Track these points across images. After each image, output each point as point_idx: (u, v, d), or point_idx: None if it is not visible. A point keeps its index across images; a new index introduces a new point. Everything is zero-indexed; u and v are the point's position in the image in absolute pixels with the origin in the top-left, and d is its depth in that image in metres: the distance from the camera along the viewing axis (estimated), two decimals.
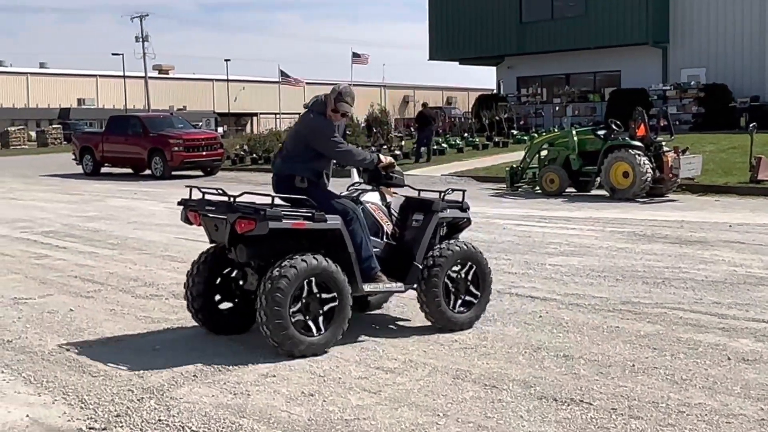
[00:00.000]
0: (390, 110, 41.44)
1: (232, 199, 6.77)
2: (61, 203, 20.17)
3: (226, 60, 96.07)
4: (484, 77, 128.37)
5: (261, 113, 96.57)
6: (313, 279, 6.62)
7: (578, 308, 8.38)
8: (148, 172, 29.06)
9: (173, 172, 28.26)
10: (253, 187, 21.62)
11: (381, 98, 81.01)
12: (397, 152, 29.53)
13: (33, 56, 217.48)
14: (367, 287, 7.10)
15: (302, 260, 6.56)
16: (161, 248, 12.56)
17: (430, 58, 45.48)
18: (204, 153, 29.00)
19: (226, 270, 7.37)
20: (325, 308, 6.74)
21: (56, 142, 60.30)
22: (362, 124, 36.30)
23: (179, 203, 7.33)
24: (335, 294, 6.75)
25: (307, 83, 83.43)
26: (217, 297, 7.36)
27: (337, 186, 7.56)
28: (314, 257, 6.63)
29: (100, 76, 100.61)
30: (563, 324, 7.77)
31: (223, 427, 5.28)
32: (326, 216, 6.82)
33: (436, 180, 24.14)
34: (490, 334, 7.43)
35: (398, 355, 6.81)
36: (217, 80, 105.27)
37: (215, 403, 5.70)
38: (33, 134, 64.76)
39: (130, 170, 30.56)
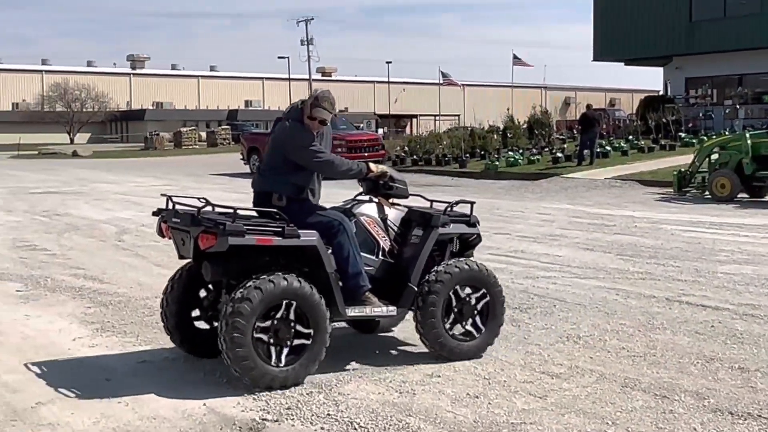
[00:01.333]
0: (551, 112, 40.88)
1: (197, 210, 6.11)
2: (230, 201, 20.87)
3: (388, 62, 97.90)
4: (650, 78, 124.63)
5: (421, 115, 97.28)
6: (293, 303, 5.95)
7: (753, 319, 8.02)
8: None
9: None
10: (412, 189, 21.59)
11: (542, 100, 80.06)
12: (559, 155, 29.10)
13: (204, 60, 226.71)
14: (351, 311, 6.36)
15: (269, 281, 5.86)
16: None
17: (594, 59, 44.59)
18: (366, 154, 29.44)
19: (203, 287, 6.76)
20: (295, 341, 6.04)
21: (225, 142, 62.63)
22: (523, 126, 36.01)
23: (154, 213, 6.74)
24: (310, 320, 6.04)
25: (467, 85, 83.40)
26: (195, 316, 6.77)
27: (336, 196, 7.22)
28: (284, 277, 5.92)
29: (267, 78, 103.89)
30: (737, 335, 7.45)
31: (389, 425, 5.35)
32: (300, 232, 6.08)
33: (598, 183, 23.66)
34: (659, 343, 7.22)
35: (564, 361, 6.72)
36: (378, 82, 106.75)
37: (382, 401, 5.79)
38: (203, 135, 67.48)
39: None
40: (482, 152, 32.44)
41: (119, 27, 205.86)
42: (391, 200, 6.94)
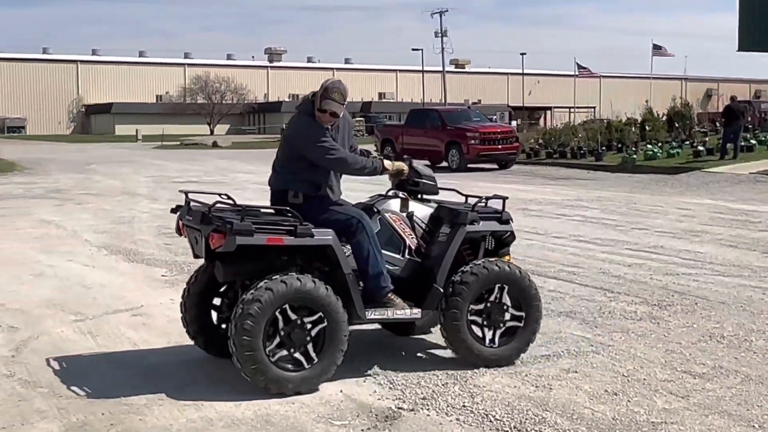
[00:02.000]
0: (692, 104, 39.62)
1: (207, 208, 5.89)
2: (363, 193, 21.03)
3: (522, 54, 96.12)
4: None
5: (555, 107, 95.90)
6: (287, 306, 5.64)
7: None
8: (444, 164, 29.73)
9: (469, 165, 28.74)
10: (546, 182, 21.39)
11: (682, 91, 77.69)
12: (701, 148, 28.16)
13: (339, 52, 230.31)
14: (371, 314, 6.02)
15: (282, 281, 5.59)
16: None
17: (740, 49, 42.86)
18: (500, 146, 29.22)
19: (223, 288, 6.50)
20: (309, 346, 5.76)
21: (359, 134, 63.35)
22: (663, 118, 35.05)
23: (172, 211, 6.48)
24: (327, 323, 5.74)
25: (603, 76, 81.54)
26: (217, 317, 6.53)
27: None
28: (298, 278, 5.66)
29: (400, 70, 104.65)
30: None
31: (525, 419, 5.30)
32: (315, 230, 5.80)
33: (742, 178, 22.79)
34: None
35: (707, 360, 6.50)
36: (512, 74, 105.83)
37: (517, 394, 5.74)
38: None
39: (427, 162, 31.45)
40: (619, 145, 31.73)
41: (258, 21, 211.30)
42: (420, 196, 6.59)
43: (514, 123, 64.23)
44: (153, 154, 46.04)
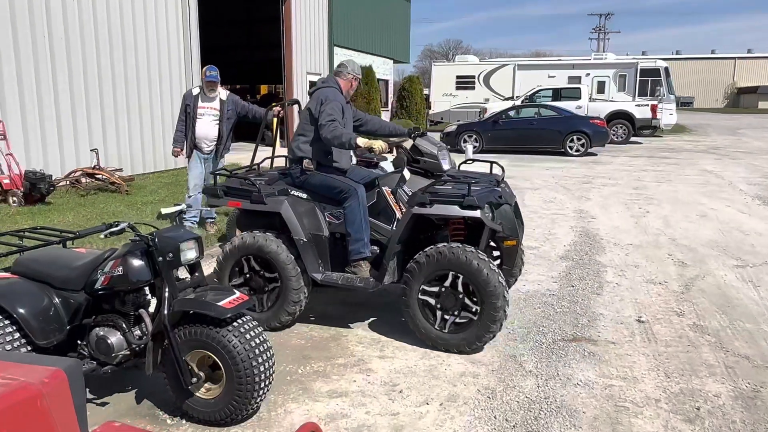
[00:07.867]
0: None
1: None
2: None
3: None
4: None
5: None
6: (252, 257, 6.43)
7: None
8: None
9: None
10: None
11: None
12: None
13: None
14: (325, 277, 6.33)
15: (242, 238, 6.45)
16: None
17: None
18: None
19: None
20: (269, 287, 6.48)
21: None
22: None
23: None
24: (276, 272, 6.38)
25: None
26: None
27: None
28: (254, 236, 6.42)
29: None
30: None
31: None
32: (270, 198, 6.44)
33: None
34: None
35: None
36: None
37: None
38: None
39: None
40: None
41: None
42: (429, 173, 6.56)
43: None
44: None
